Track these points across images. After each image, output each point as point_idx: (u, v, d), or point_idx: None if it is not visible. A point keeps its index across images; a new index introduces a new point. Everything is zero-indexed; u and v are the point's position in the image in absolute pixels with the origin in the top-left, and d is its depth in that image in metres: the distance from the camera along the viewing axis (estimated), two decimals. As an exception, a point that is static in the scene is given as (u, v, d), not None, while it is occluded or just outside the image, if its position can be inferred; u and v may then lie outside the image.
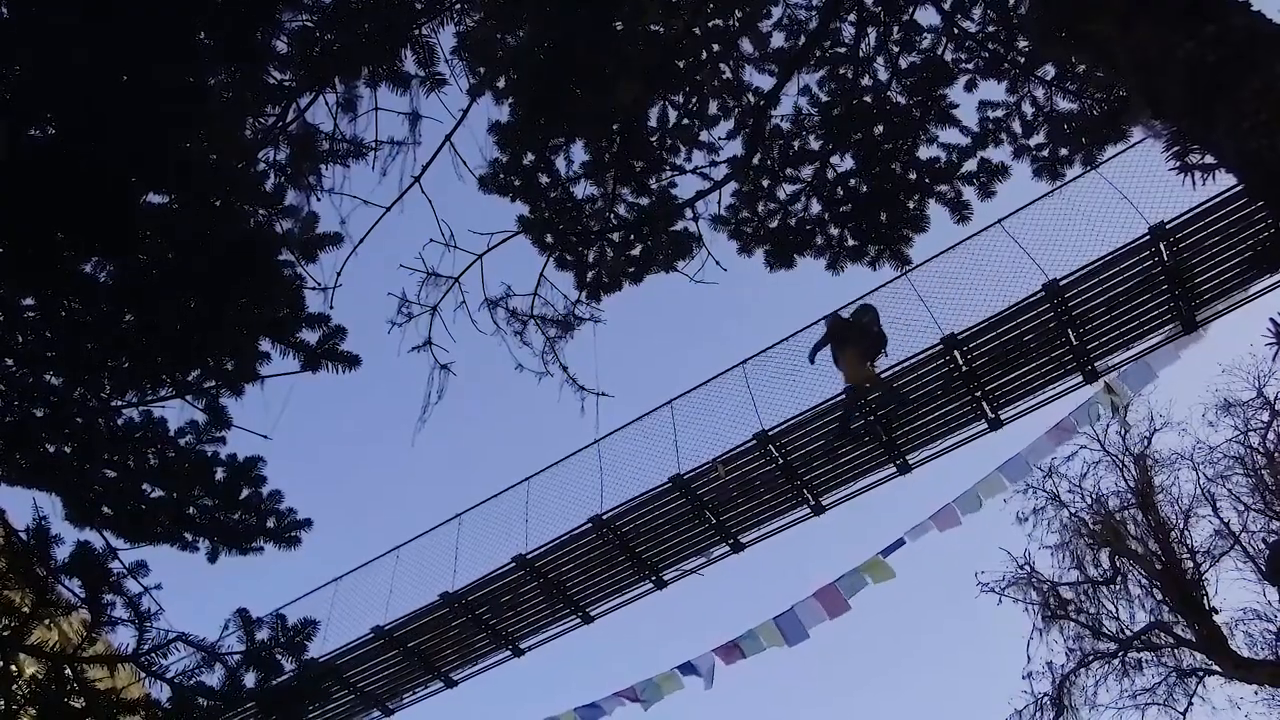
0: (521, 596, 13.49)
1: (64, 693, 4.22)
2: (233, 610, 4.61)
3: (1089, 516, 16.63)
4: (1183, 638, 15.57)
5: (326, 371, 5.20)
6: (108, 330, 4.84)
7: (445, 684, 13.96)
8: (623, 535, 12.89)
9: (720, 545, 13.13)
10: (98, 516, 5.15)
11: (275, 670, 4.55)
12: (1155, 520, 16.01)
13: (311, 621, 4.68)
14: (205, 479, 5.34)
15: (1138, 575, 16.14)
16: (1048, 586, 16.54)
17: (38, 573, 4.30)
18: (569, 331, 6.37)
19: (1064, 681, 15.99)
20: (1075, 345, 11.34)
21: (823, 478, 12.48)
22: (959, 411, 11.87)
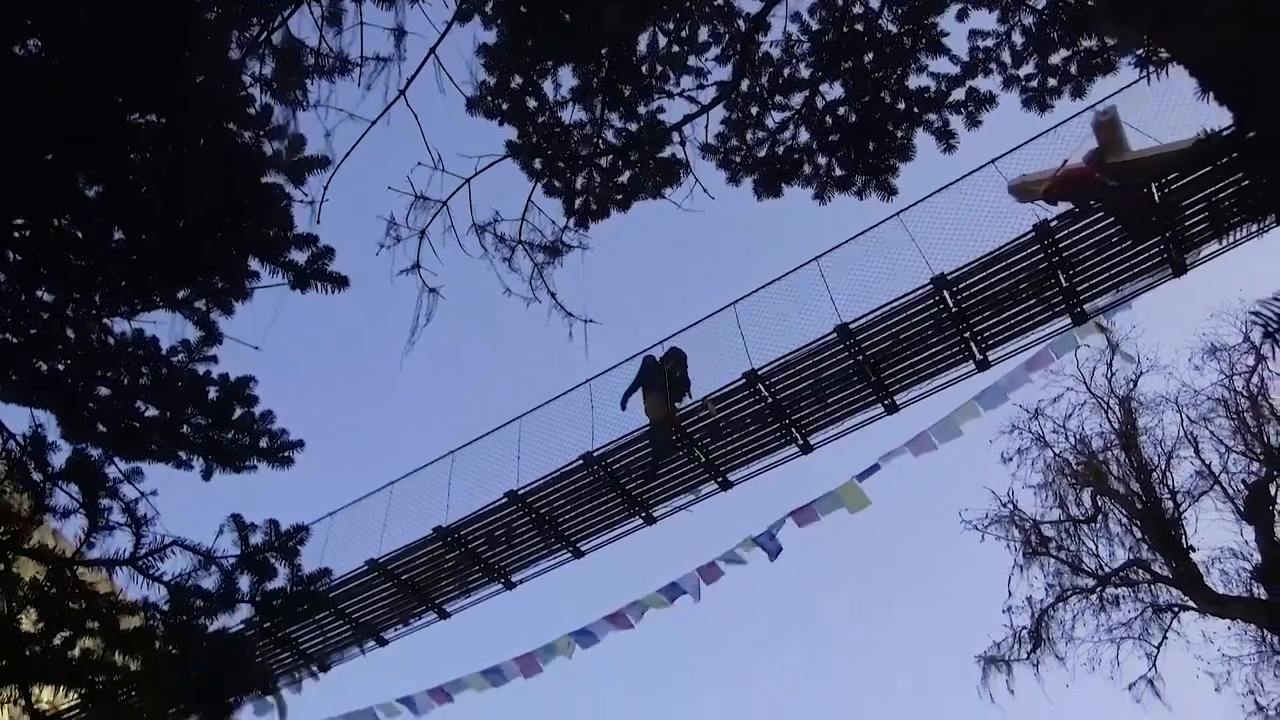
0: (514, 531, 13.69)
1: (65, 595, 4.34)
2: (227, 516, 4.72)
3: (1072, 457, 16.90)
4: (1160, 575, 15.94)
5: (315, 291, 5.26)
6: (98, 248, 4.88)
7: (439, 615, 14.25)
8: (613, 472, 13.05)
9: (709, 483, 13.30)
10: (93, 433, 5.24)
11: (269, 574, 4.69)
12: (1137, 461, 16.27)
13: (303, 527, 4.81)
14: (198, 397, 5.42)
15: (1118, 514, 16.46)
16: (1029, 524, 16.87)
17: (34, 478, 4.40)
18: (557, 258, 6.41)
19: (1043, 615, 16.41)
20: (1065, 287, 11.41)
21: (811, 417, 12.61)
22: (947, 352, 11.96)
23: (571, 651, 15.13)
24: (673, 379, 12.51)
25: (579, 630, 15.07)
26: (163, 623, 4.45)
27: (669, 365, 12.54)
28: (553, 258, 6.38)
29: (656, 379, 12.52)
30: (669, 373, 12.49)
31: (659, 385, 12.45)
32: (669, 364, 12.54)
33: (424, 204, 5.89)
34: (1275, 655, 15.80)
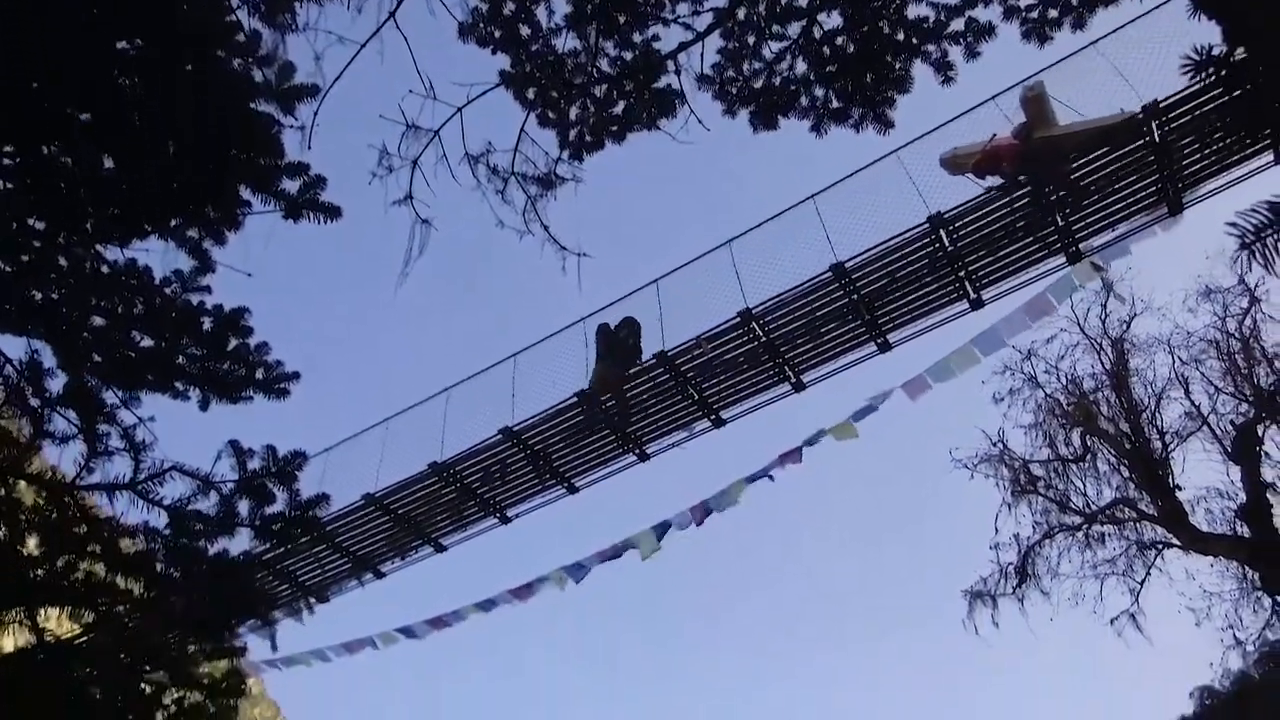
0: (509, 467, 13.83)
1: (65, 519, 4.41)
2: (225, 442, 4.77)
3: (1063, 398, 17.06)
4: (1145, 513, 16.21)
5: (308, 222, 5.24)
6: (88, 176, 4.83)
7: (435, 549, 14.48)
8: (608, 409, 13.13)
9: (702, 421, 13.40)
10: (89, 363, 5.26)
11: (268, 499, 4.75)
12: (1128, 402, 16.42)
13: (301, 453, 4.86)
14: (192, 328, 5.42)
15: (1107, 454, 16.67)
16: (1019, 464, 17.09)
17: (32, 404, 4.43)
18: (550, 190, 6.36)
19: (1029, 552, 16.73)
20: (1061, 226, 11.38)
21: (804, 355, 12.66)
22: (942, 291, 11.97)
23: (565, 584, 15.43)
24: (625, 347, 12.69)
25: (572, 564, 15.35)
26: (163, 546, 4.53)
27: (623, 333, 12.69)
28: (546, 190, 6.34)
29: (612, 346, 12.72)
30: (622, 341, 12.65)
31: (612, 352, 12.64)
32: (623, 331, 12.69)
33: (416, 133, 5.84)
34: (1255, 591, 16.19)
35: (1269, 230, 3.82)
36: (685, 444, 13.78)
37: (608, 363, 12.65)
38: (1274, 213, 3.84)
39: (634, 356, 12.71)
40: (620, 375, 12.60)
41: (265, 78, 5.36)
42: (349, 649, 16.18)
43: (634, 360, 12.72)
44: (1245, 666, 23.39)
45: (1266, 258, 3.88)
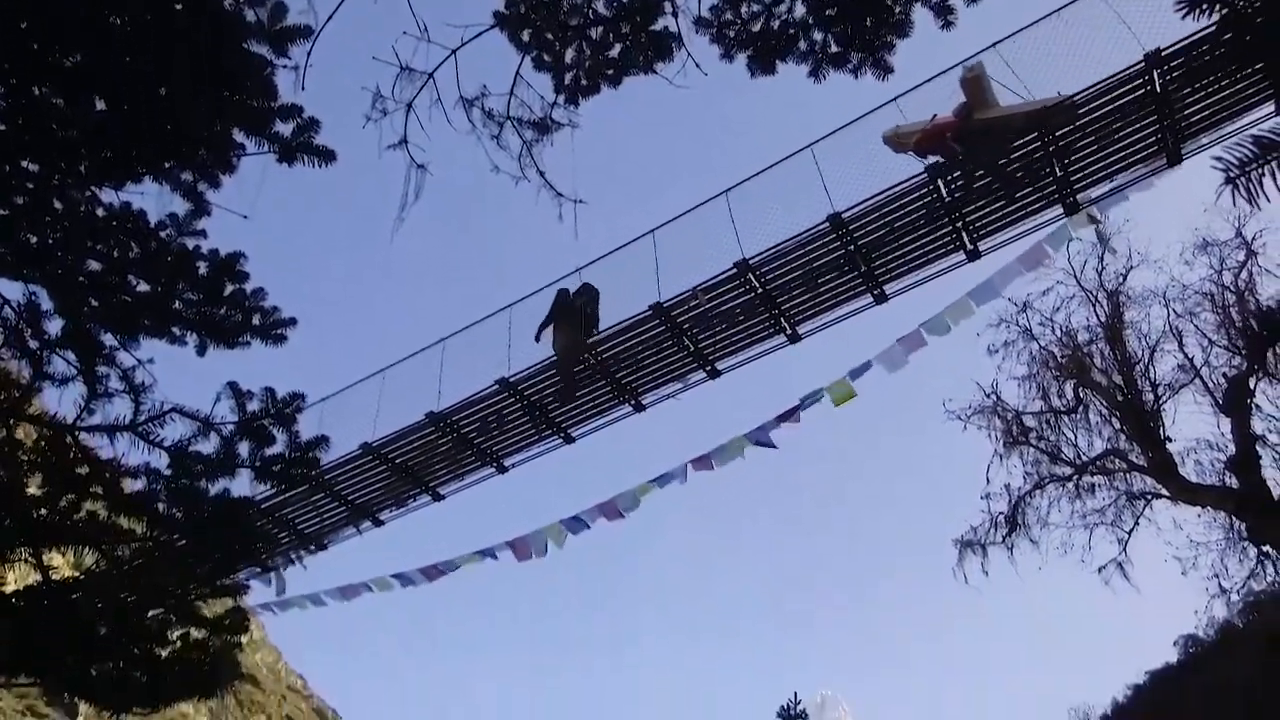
0: (505, 417, 13.89)
1: (67, 460, 4.45)
2: (224, 384, 4.80)
3: (1057, 350, 17.13)
4: (1135, 464, 16.39)
5: (302, 165, 5.20)
6: (81, 118, 4.78)
7: (433, 498, 14.59)
8: (603, 360, 13.16)
9: (697, 372, 13.44)
10: (86, 307, 5.26)
11: (267, 440, 4.80)
12: (1121, 354, 16.50)
13: (299, 395, 4.90)
14: (188, 272, 5.42)
15: (1099, 406, 16.80)
16: (1012, 415, 17.23)
17: (31, 345, 4.45)
18: (546, 135, 6.31)
19: (1019, 502, 16.94)
20: (1059, 176, 11.33)
21: (800, 307, 12.65)
22: (938, 242, 11.94)
23: (563, 539, 15.54)
24: (583, 315, 12.76)
25: (570, 518, 15.47)
26: (165, 487, 4.58)
27: (580, 301, 12.73)
28: (542, 135, 6.29)
29: (569, 312, 12.75)
30: (580, 308, 12.70)
31: (570, 320, 12.68)
32: (580, 299, 12.72)
33: (410, 76, 5.77)
34: (1241, 542, 16.44)
35: (1253, 164, 3.83)
36: (680, 395, 13.84)
37: (565, 330, 12.75)
38: (1259, 147, 3.85)
39: (591, 325, 12.82)
40: (578, 343, 12.70)
41: (257, 18, 5.28)
42: (344, 594, 16.32)
43: (591, 328, 12.83)
44: (1230, 615, 23.86)
45: (1250, 192, 3.90)
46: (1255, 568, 16.36)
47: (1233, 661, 24.00)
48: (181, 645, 4.65)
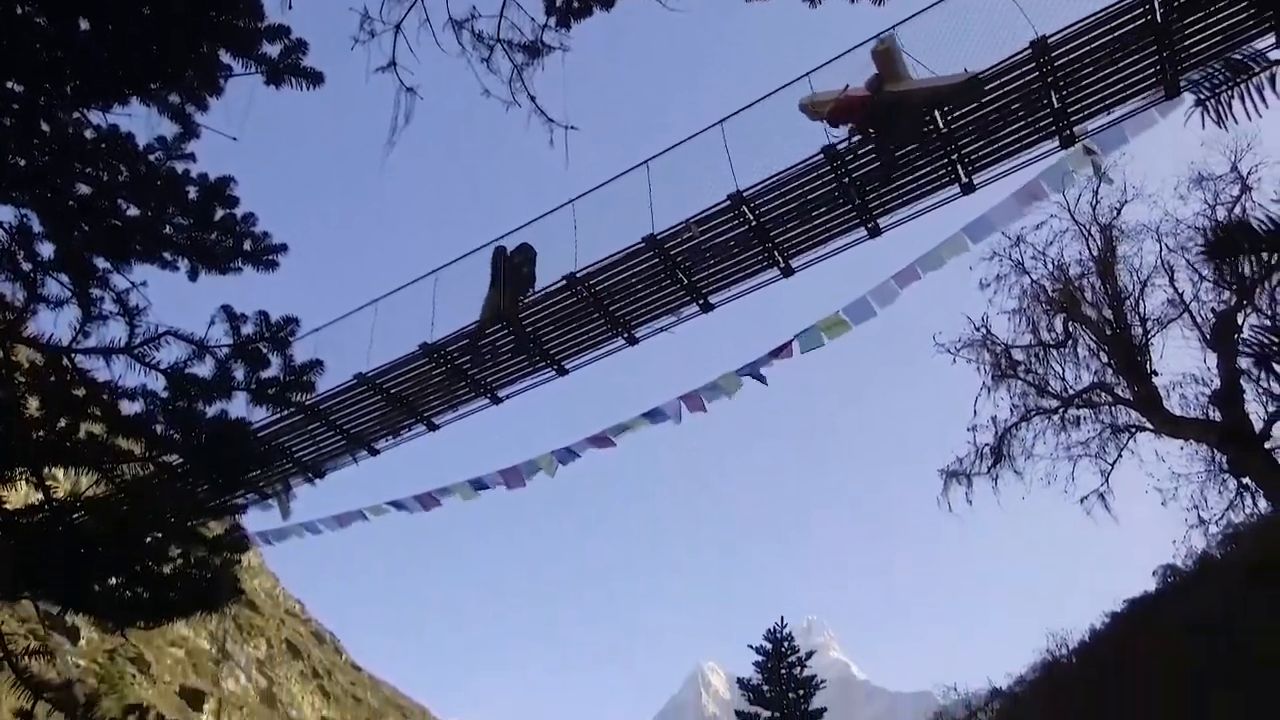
0: (498, 348, 13.94)
1: (64, 382, 4.49)
2: (217, 307, 4.82)
3: (1049, 283, 17.18)
4: (1121, 397, 16.59)
5: (290, 88, 5.14)
6: (65, 38, 4.70)
7: (428, 427, 14.72)
8: (596, 293, 13.16)
9: (690, 305, 13.46)
10: (77, 231, 5.25)
11: (262, 363, 4.84)
12: (1112, 289, 16.57)
13: (293, 319, 4.92)
14: (178, 197, 5.39)
15: (1088, 340, 16.93)
16: (1001, 349, 17.36)
17: (24, 268, 4.46)
18: (537, 58, 6.23)
19: (1005, 434, 17.18)
20: (1056, 108, 11.22)
21: (794, 240, 12.63)
22: (935, 174, 11.88)
23: (554, 469, 15.71)
24: (519, 274, 12.83)
25: (562, 448, 15.62)
26: (162, 409, 4.63)
27: (517, 259, 12.75)
28: (532, 58, 6.19)
29: (506, 271, 12.85)
30: (516, 267, 12.75)
31: (507, 278, 12.78)
32: (517, 258, 12.74)
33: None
34: (1221, 474, 16.74)
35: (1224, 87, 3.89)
36: (673, 329, 13.88)
37: (501, 290, 12.82)
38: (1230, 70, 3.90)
39: (528, 284, 12.95)
40: (514, 302, 12.80)
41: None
42: (339, 522, 16.55)
43: (528, 287, 12.97)
44: (1208, 547, 24.39)
45: (1219, 114, 3.97)
46: (1234, 499, 16.69)
47: (1210, 592, 24.61)
48: (182, 563, 4.77)
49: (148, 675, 53.16)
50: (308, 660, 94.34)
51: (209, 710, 64.41)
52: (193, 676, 63.61)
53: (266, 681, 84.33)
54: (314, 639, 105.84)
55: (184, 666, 63.52)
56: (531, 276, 13.00)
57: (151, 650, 63.33)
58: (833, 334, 13.59)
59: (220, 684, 70.78)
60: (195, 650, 71.81)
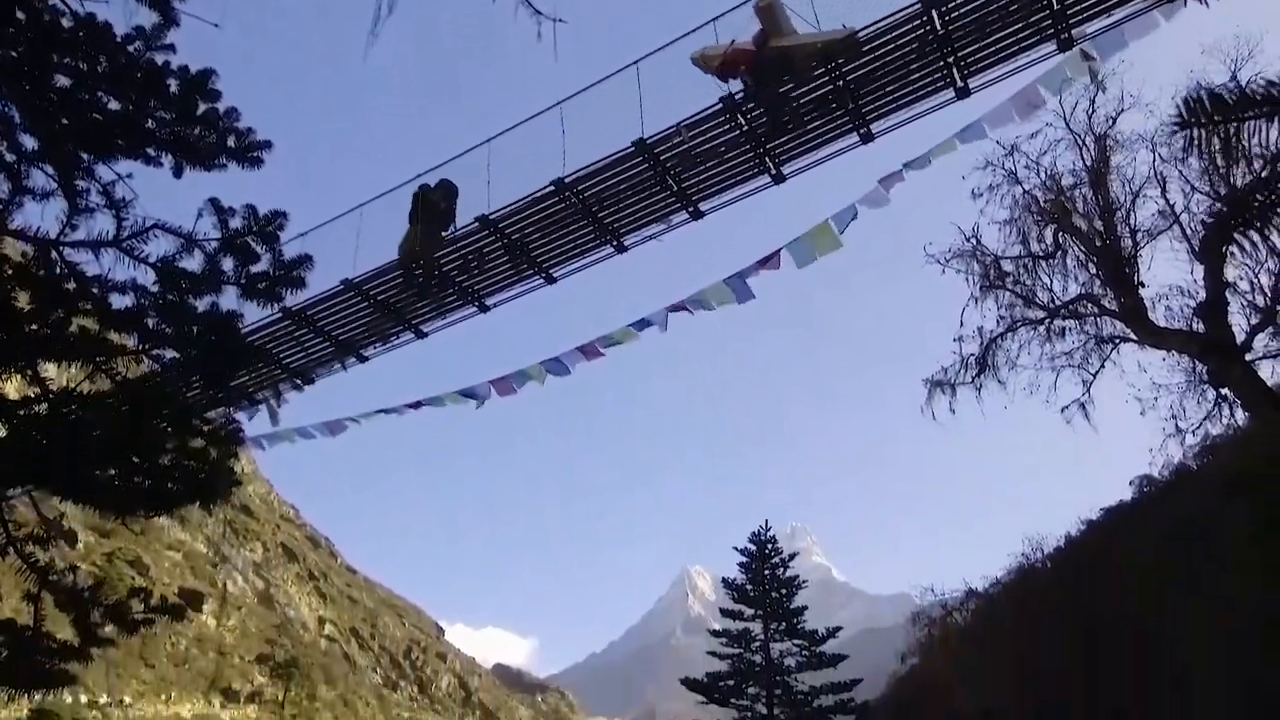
0: (486, 256, 13.86)
1: (54, 276, 4.48)
2: (205, 200, 4.79)
3: (1041, 194, 17.09)
4: (1107, 308, 16.70)
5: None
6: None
7: (416, 335, 14.74)
8: (585, 199, 13.04)
9: (680, 212, 13.36)
10: (57, 125, 5.15)
11: (251, 257, 4.83)
12: (1104, 199, 16.48)
13: (281, 213, 4.89)
14: (159, 90, 5.28)
15: (1077, 251, 16.93)
16: (990, 259, 17.37)
17: (8, 159, 4.40)
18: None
19: (990, 344, 17.33)
20: (1055, 9, 10.98)
21: (786, 146, 12.47)
22: (929, 77, 11.67)
23: (543, 378, 15.77)
24: (437, 211, 12.81)
25: (551, 359, 15.66)
26: (153, 303, 4.64)
27: (436, 196, 12.66)
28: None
29: (427, 208, 12.78)
30: (434, 204, 12.70)
31: (428, 214, 12.74)
32: (435, 194, 12.65)
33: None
34: (1201, 384, 17.01)
35: None
36: (663, 236, 13.82)
37: (419, 227, 12.81)
38: None
39: (447, 221, 12.96)
40: (433, 240, 12.81)
41: None
42: (331, 428, 16.64)
43: (447, 224, 12.98)
44: (1185, 457, 24.93)
45: None
46: (1213, 410, 17.00)
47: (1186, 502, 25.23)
48: (179, 453, 4.84)
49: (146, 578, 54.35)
50: (303, 563, 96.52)
51: (209, 610, 66.08)
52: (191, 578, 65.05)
53: (264, 583, 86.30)
54: (309, 543, 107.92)
55: (182, 569, 65.03)
56: (451, 213, 13.04)
57: (150, 554, 64.51)
58: (823, 248, 13.48)
59: (219, 585, 72.44)
60: (193, 553, 73.31)
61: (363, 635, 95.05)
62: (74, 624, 4.87)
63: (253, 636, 68.90)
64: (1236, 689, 13.89)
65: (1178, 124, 3.91)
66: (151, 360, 4.72)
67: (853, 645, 27.77)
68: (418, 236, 12.93)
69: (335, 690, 72.57)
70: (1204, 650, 15.59)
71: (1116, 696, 16.44)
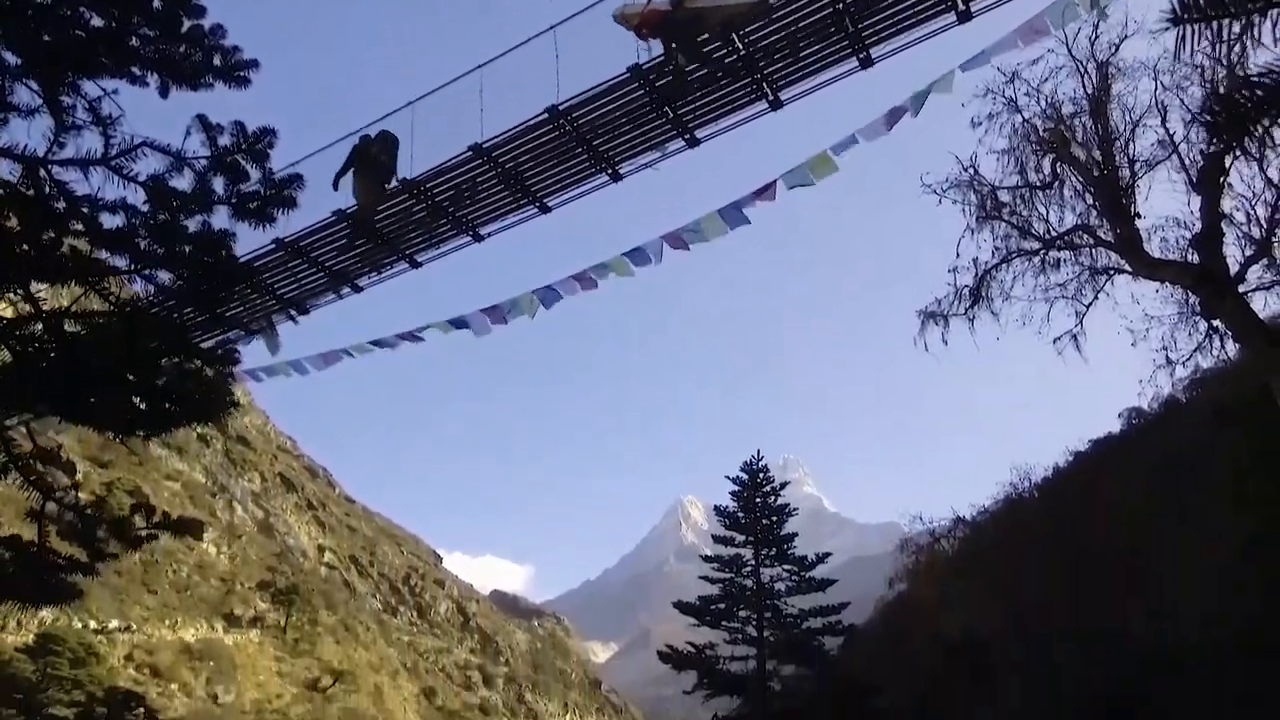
0: (480, 186, 13.73)
1: (43, 195, 4.45)
2: (192, 116, 4.72)
3: (1040, 122, 16.88)
4: (1103, 239, 16.64)
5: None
6: None
7: (410, 264, 14.68)
8: (579, 127, 12.88)
9: (676, 140, 13.22)
10: (39, 45, 5.03)
11: (241, 176, 4.78)
12: (1103, 129, 16.29)
13: (270, 129, 4.82)
14: (142, 6, 5.15)
15: (1074, 181, 16.78)
16: (987, 189, 17.23)
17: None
18: None
19: (985, 275, 17.32)
20: (1059, -72, 10.74)
21: (783, 71, 12.27)
22: (925, 5, 11.44)
23: (535, 309, 15.70)
24: (376, 163, 12.76)
25: (543, 287, 15.58)
26: (144, 223, 4.61)
27: (375, 149, 12.59)
28: None
29: (366, 161, 12.73)
30: (374, 157, 12.64)
31: (368, 168, 12.70)
32: (374, 148, 12.58)
33: None
34: (1193, 316, 17.05)
35: None
36: (658, 165, 13.68)
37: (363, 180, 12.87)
38: None
39: (388, 174, 12.95)
40: (376, 193, 12.84)
41: None
42: (325, 360, 16.62)
43: (388, 177, 12.97)
44: (1175, 390, 25.14)
45: None
46: (1203, 342, 17.06)
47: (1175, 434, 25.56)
48: (176, 374, 4.86)
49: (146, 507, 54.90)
50: (302, 493, 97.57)
51: (209, 539, 67.05)
52: (190, 508, 65.79)
53: (263, 513, 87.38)
54: (307, 473, 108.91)
55: (181, 499, 65.78)
56: (393, 165, 13.05)
57: (149, 483, 65.14)
58: (820, 173, 13.30)
59: (218, 515, 73.39)
60: (191, 483, 74.04)
61: (362, 563, 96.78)
62: (79, 539, 4.95)
63: (253, 564, 70.13)
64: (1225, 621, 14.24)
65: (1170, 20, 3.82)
66: (145, 280, 4.72)
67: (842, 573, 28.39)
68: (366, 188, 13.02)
69: (336, 616, 74.18)
70: (1191, 582, 15.96)
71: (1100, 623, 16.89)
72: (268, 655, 60.32)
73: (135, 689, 36.65)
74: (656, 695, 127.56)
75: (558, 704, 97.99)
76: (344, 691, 62.37)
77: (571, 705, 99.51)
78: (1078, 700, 14.86)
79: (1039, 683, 16.52)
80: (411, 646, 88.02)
